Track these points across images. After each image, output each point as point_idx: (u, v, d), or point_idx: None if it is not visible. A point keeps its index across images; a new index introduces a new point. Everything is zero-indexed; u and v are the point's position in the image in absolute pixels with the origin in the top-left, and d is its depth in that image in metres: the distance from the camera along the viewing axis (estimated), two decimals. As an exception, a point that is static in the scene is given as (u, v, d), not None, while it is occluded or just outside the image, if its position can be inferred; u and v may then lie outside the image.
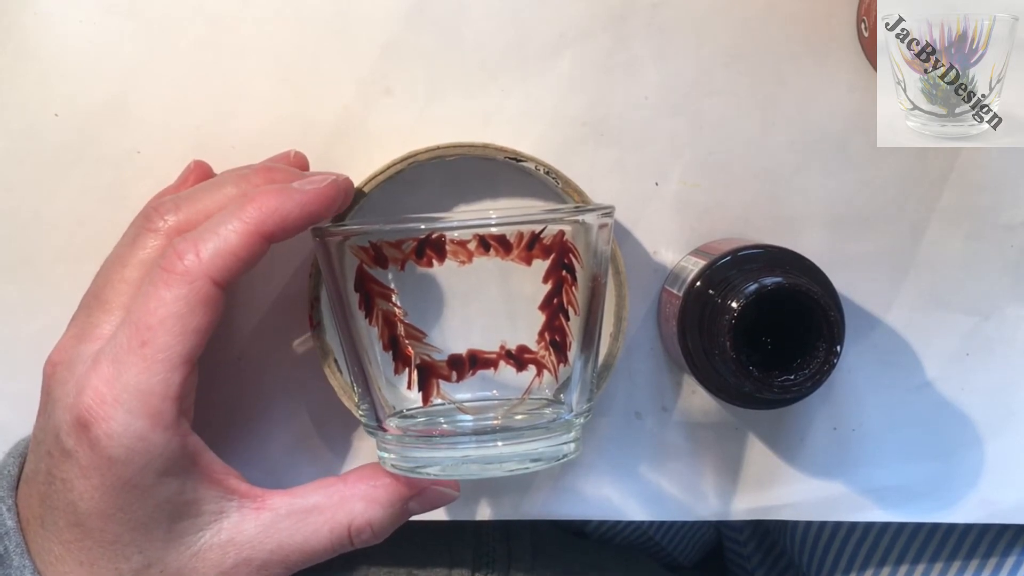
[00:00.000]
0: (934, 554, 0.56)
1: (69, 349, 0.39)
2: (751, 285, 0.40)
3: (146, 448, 0.37)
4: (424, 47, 0.46)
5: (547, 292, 0.39)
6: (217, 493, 0.39)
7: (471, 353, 0.39)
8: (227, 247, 0.37)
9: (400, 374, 0.39)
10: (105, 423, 0.36)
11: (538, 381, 0.39)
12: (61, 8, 0.45)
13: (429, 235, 0.38)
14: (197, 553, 0.39)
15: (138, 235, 0.40)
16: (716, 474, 0.49)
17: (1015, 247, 0.48)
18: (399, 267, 0.38)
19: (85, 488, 0.37)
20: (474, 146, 0.44)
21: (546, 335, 0.39)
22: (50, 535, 0.39)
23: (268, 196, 0.38)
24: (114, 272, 0.40)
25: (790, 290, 0.40)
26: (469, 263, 0.38)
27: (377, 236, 0.38)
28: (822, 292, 0.40)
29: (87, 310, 0.40)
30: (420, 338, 0.39)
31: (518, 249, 0.38)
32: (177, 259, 0.37)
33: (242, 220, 0.37)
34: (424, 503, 0.42)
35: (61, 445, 0.37)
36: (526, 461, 0.38)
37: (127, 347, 0.37)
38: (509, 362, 0.39)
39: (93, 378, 0.37)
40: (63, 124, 0.46)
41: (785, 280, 0.40)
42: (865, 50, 0.46)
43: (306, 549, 0.40)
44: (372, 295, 0.39)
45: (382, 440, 0.40)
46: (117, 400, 0.36)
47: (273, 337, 0.47)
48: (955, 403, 0.49)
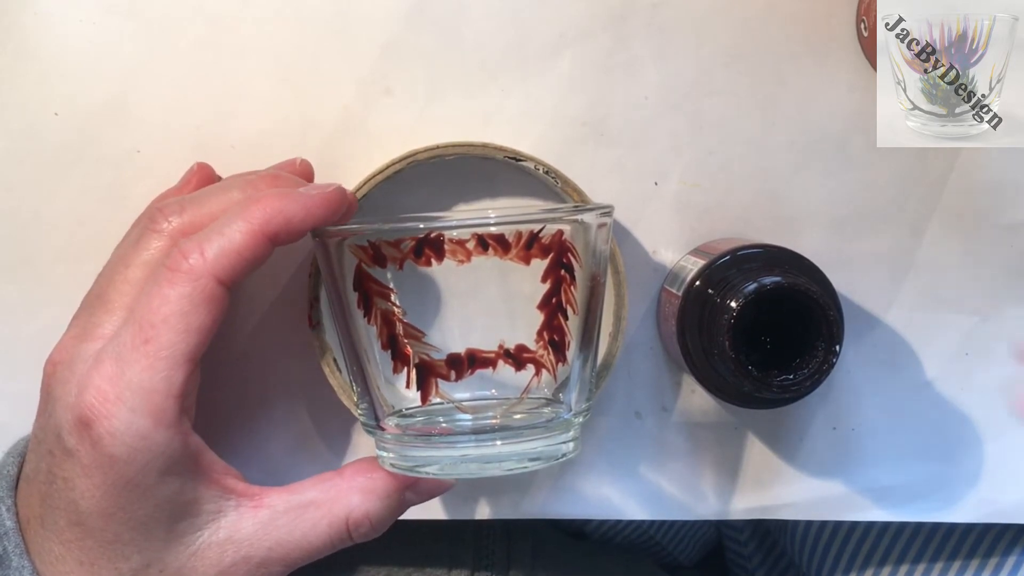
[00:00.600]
0: (934, 554, 0.56)
1: (70, 348, 0.39)
2: (750, 284, 0.40)
3: (148, 447, 0.37)
4: (424, 47, 0.46)
5: (546, 291, 0.39)
6: (216, 492, 0.39)
7: (470, 352, 0.39)
8: (231, 246, 0.37)
9: (399, 373, 0.39)
10: (107, 421, 0.36)
11: (536, 380, 0.39)
12: (61, 8, 0.45)
13: (428, 234, 0.38)
14: (196, 552, 0.39)
15: (142, 236, 0.40)
16: (716, 474, 0.49)
17: (1015, 247, 0.48)
18: (398, 266, 0.38)
19: (87, 487, 0.37)
20: (473, 145, 0.44)
21: (544, 334, 0.39)
22: (50, 534, 0.39)
23: (273, 199, 0.38)
24: (117, 272, 0.40)
25: (789, 289, 0.40)
26: (468, 262, 0.38)
27: (376, 235, 0.38)
28: (821, 292, 0.40)
29: (89, 309, 0.40)
30: (419, 337, 0.39)
31: (516, 248, 0.38)
32: (182, 258, 0.37)
33: (247, 220, 0.38)
34: (421, 493, 0.42)
35: (63, 444, 0.37)
36: (525, 460, 0.38)
37: (130, 345, 0.37)
38: (508, 361, 0.39)
39: (95, 376, 0.37)
40: (63, 124, 0.46)
41: (784, 280, 0.40)
42: (865, 50, 0.46)
43: (304, 545, 0.40)
44: (371, 294, 0.39)
45: (381, 439, 0.40)
46: (120, 398, 0.36)
47: (273, 336, 0.47)
48: (955, 403, 0.49)
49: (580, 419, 0.40)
